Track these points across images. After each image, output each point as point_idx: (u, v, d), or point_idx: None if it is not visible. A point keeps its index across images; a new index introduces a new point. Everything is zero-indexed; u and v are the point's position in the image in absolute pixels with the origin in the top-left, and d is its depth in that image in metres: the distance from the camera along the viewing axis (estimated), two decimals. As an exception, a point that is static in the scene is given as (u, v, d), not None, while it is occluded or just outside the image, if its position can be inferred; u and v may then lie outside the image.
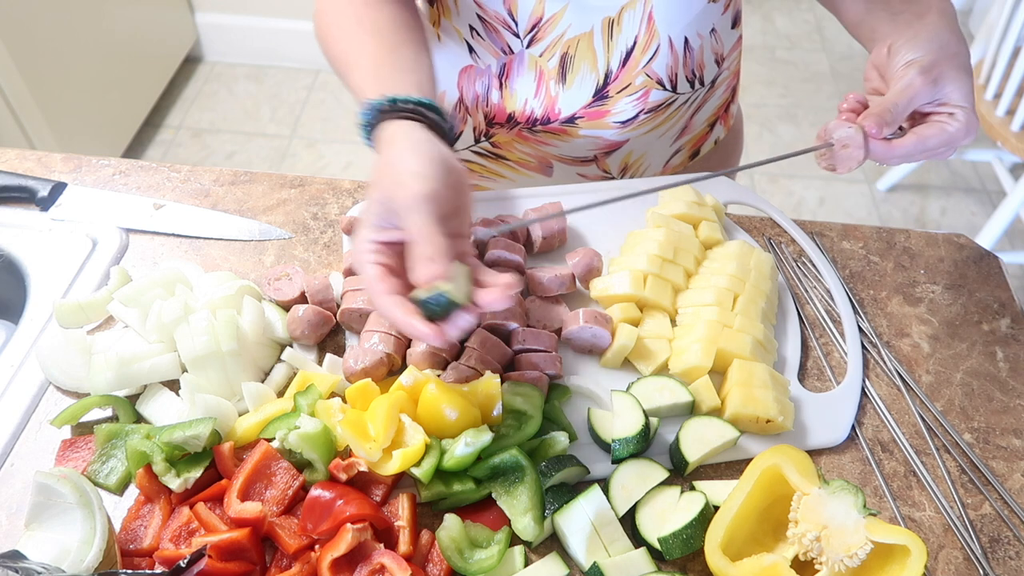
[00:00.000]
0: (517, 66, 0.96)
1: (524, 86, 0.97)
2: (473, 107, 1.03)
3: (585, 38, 0.92)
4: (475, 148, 1.08)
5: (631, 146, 1.03)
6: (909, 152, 0.77)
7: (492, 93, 1.00)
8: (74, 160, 1.05)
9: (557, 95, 0.97)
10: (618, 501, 0.73)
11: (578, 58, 0.93)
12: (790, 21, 3.39)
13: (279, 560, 0.70)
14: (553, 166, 1.07)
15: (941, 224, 2.60)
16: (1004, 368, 0.89)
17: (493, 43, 0.94)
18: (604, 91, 0.96)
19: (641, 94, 0.97)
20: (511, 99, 0.99)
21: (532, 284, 0.89)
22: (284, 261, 0.95)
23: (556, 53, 0.93)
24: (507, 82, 0.98)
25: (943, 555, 0.74)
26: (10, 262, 0.94)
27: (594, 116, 0.99)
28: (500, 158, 1.08)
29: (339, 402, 0.77)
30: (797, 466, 0.71)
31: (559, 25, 0.91)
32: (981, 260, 0.99)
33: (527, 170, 1.09)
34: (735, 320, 0.85)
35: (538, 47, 0.93)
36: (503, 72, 0.97)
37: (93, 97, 2.43)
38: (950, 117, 0.76)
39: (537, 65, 0.95)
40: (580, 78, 0.95)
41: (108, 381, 0.78)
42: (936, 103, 0.77)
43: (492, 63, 0.96)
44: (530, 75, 0.96)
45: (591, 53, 0.93)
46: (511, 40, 0.93)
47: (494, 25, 0.92)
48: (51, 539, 0.65)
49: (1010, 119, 2.15)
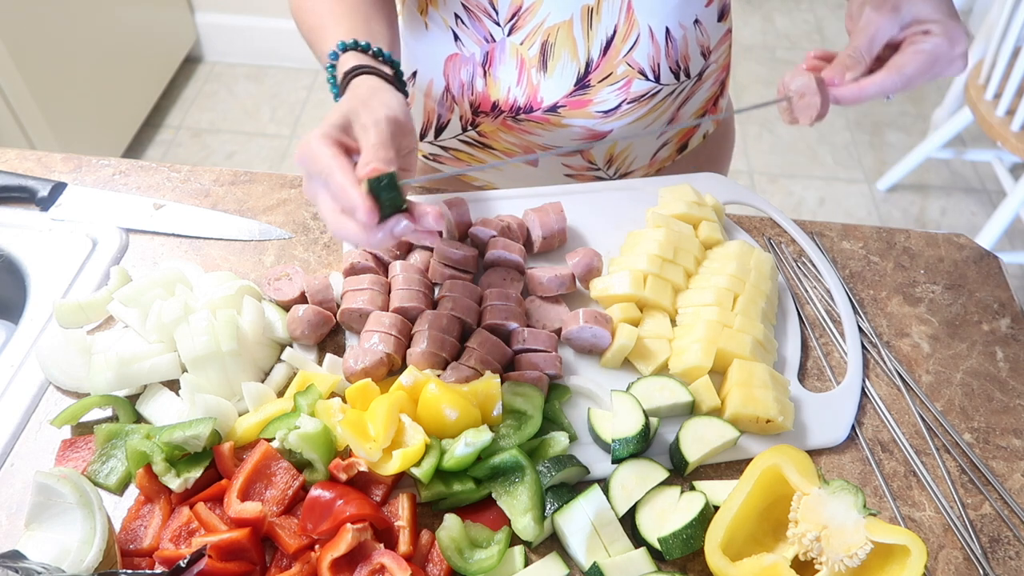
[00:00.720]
0: (499, 54, 0.96)
1: (507, 74, 0.98)
2: (459, 95, 1.04)
3: (565, 26, 0.92)
4: (462, 137, 1.09)
5: (616, 137, 1.04)
6: (884, 87, 0.75)
7: (476, 81, 1.01)
8: (74, 160, 1.05)
9: (539, 83, 0.98)
10: (618, 501, 0.73)
11: (558, 46, 0.94)
12: (790, 21, 3.39)
13: (279, 560, 0.70)
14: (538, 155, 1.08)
15: (941, 224, 2.60)
16: (1004, 368, 0.89)
17: (476, 31, 0.95)
18: (586, 80, 0.97)
19: (623, 84, 0.98)
20: (495, 87, 1.00)
21: (532, 284, 0.89)
22: (284, 261, 0.95)
23: (536, 41, 0.94)
24: (490, 70, 0.99)
25: (943, 555, 0.74)
26: (10, 262, 0.94)
27: (576, 105, 0.99)
28: (487, 147, 1.08)
29: (339, 402, 0.77)
30: (797, 466, 0.71)
31: (538, 13, 0.92)
32: (981, 260, 0.99)
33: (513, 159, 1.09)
34: (735, 320, 0.85)
35: (518, 35, 0.94)
36: (486, 60, 0.98)
37: (93, 97, 2.43)
38: (924, 35, 0.74)
39: (518, 53, 0.96)
40: (561, 66, 0.96)
41: (108, 381, 0.78)
42: (906, 27, 0.75)
43: (476, 51, 0.97)
44: (512, 63, 0.97)
45: (571, 42, 0.94)
46: (492, 28, 0.94)
47: (476, 13, 0.93)
48: (51, 539, 0.65)
49: (1010, 119, 2.15)
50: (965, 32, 0.75)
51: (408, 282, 0.86)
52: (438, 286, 0.90)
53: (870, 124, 2.93)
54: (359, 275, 0.87)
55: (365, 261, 0.89)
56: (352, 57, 0.79)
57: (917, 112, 2.99)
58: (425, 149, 1.15)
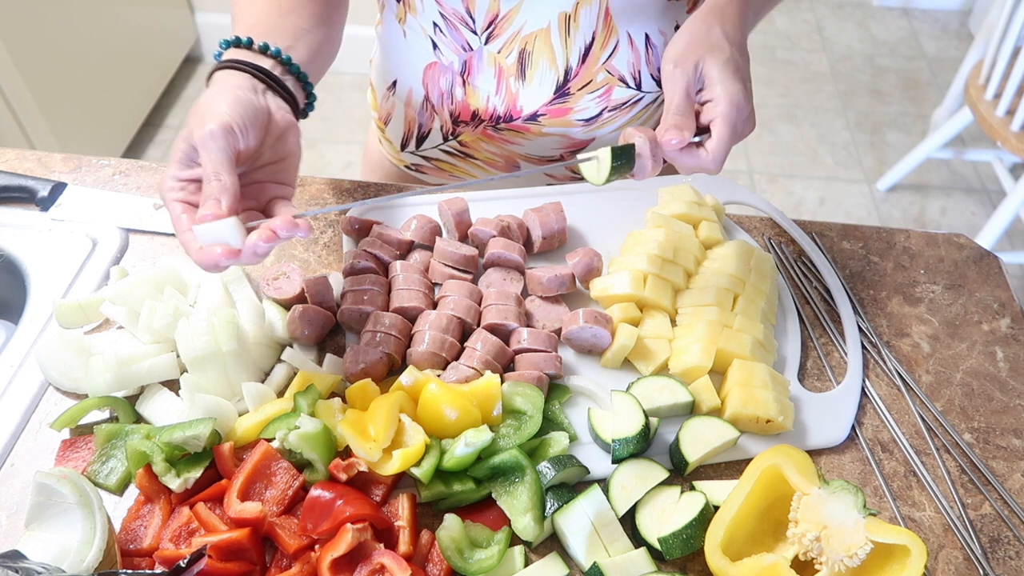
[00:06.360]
0: (477, 63, 0.96)
1: (485, 83, 0.98)
2: (439, 105, 1.03)
3: (542, 34, 0.92)
4: (443, 147, 1.08)
5: (598, 145, 1.03)
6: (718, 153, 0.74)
7: (456, 90, 1.00)
8: (74, 160, 1.05)
9: (518, 92, 0.97)
10: (618, 501, 0.73)
11: (536, 54, 0.94)
12: (790, 21, 3.39)
13: (279, 560, 0.70)
14: (520, 166, 1.07)
15: (941, 224, 2.60)
16: (1004, 368, 0.89)
17: (454, 40, 0.95)
18: (565, 88, 0.96)
19: (603, 91, 0.97)
20: (474, 96, 0.99)
21: (532, 284, 0.89)
22: (284, 261, 0.95)
23: (514, 49, 0.93)
24: (469, 79, 0.98)
25: (943, 555, 0.74)
26: (10, 262, 0.94)
27: (557, 114, 0.99)
28: (468, 157, 1.08)
29: (339, 402, 0.77)
30: (797, 466, 0.71)
31: (515, 21, 0.91)
32: (981, 260, 0.99)
33: (495, 169, 1.09)
34: (735, 320, 0.85)
35: (495, 43, 0.93)
36: (465, 69, 0.97)
37: (93, 97, 2.43)
38: (713, 104, 0.75)
39: (496, 62, 0.95)
40: (540, 75, 0.95)
41: (107, 382, 0.78)
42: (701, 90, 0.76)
43: (454, 60, 0.97)
44: (490, 72, 0.96)
45: (549, 49, 0.93)
46: (470, 37, 0.94)
47: (453, 22, 0.93)
48: (51, 539, 0.65)
49: (1010, 119, 2.15)
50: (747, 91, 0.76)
51: (408, 282, 0.86)
52: (438, 286, 0.90)
53: (870, 124, 2.93)
54: (359, 275, 0.87)
55: (365, 261, 0.89)
56: (230, 53, 0.76)
57: (917, 112, 2.99)
58: (407, 159, 1.14)
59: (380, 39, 1.05)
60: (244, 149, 0.70)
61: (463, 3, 0.90)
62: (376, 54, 1.10)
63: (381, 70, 1.09)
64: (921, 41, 3.31)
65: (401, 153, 1.14)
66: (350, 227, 0.94)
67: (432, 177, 1.15)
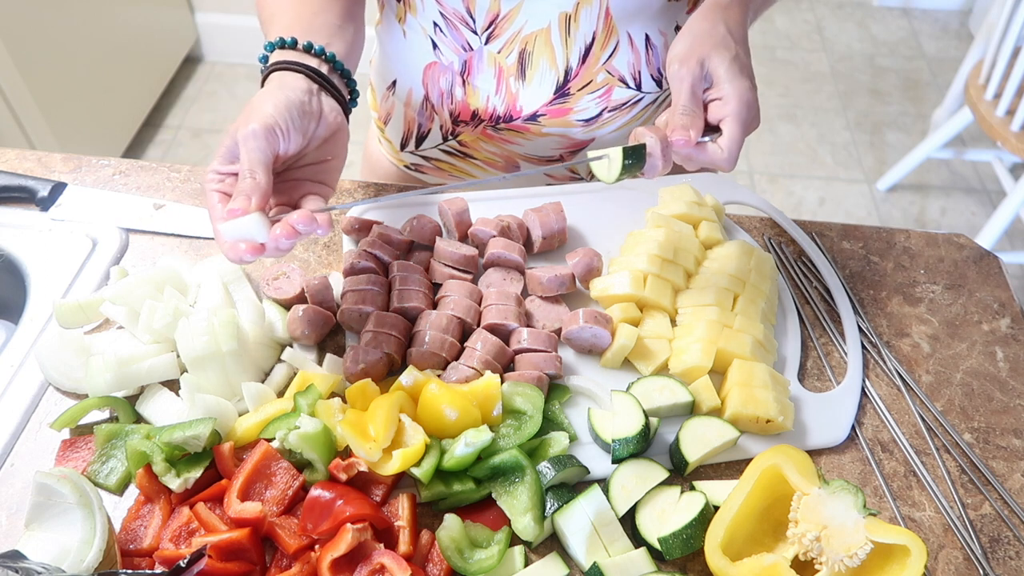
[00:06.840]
0: (477, 63, 0.96)
1: (485, 83, 0.98)
2: (439, 105, 1.03)
3: (543, 34, 0.92)
4: (443, 147, 1.08)
5: (598, 145, 1.03)
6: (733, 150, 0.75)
7: (456, 90, 1.00)
8: (74, 160, 1.05)
9: (518, 92, 0.97)
10: (618, 501, 0.73)
11: (536, 55, 0.93)
12: (790, 21, 3.39)
13: (279, 560, 0.70)
14: (520, 166, 1.07)
15: (941, 224, 2.60)
16: (1004, 368, 0.89)
17: (454, 40, 0.95)
18: (565, 88, 0.96)
19: (603, 92, 0.97)
20: (474, 96, 0.99)
21: (532, 284, 0.89)
22: (284, 261, 0.95)
23: (514, 50, 0.93)
24: (469, 79, 0.98)
25: (943, 555, 0.74)
26: (10, 262, 0.94)
27: (556, 114, 0.99)
28: (468, 157, 1.08)
29: (339, 402, 0.77)
30: (797, 466, 0.71)
31: (516, 21, 0.91)
32: (981, 260, 0.99)
33: (495, 169, 1.09)
34: (735, 320, 0.85)
35: (496, 44, 0.93)
36: (465, 69, 0.97)
37: (93, 97, 2.43)
38: (721, 103, 0.75)
39: (496, 62, 0.95)
40: (540, 75, 0.95)
41: (107, 382, 0.78)
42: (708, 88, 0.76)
43: (454, 60, 0.97)
44: (490, 72, 0.96)
45: (549, 49, 0.93)
46: (470, 37, 0.94)
47: (454, 22, 0.93)
48: (51, 539, 0.65)
49: (1010, 119, 2.15)
50: (753, 87, 0.76)
51: (408, 282, 0.86)
52: (438, 286, 0.90)
53: (870, 124, 2.93)
54: (359, 275, 0.87)
55: (365, 261, 0.89)
56: (277, 55, 0.77)
57: (917, 112, 2.99)
58: (406, 159, 1.14)
59: (380, 39, 1.05)
60: (284, 152, 0.72)
61: (463, 3, 0.90)
62: (376, 54, 1.10)
63: (381, 70, 1.09)
64: (921, 41, 3.31)
65: (401, 153, 1.14)
66: (350, 227, 0.94)
67: (432, 177, 1.15)
